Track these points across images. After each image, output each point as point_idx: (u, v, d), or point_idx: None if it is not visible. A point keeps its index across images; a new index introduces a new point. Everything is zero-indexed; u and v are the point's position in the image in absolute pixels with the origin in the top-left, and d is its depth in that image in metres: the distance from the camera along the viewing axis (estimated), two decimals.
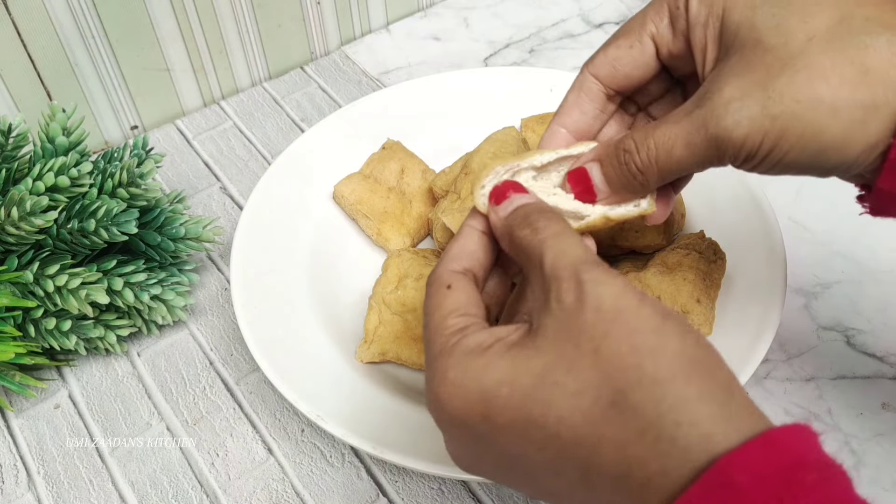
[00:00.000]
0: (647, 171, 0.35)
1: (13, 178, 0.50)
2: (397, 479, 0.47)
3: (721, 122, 0.32)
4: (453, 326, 0.32)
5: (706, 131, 0.33)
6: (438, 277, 0.34)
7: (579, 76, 0.39)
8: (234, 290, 0.51)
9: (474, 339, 0.31)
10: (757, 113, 0.32)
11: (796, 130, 0.32)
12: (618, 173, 0.36)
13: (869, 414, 0.48)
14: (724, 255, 0.50)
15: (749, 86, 0.32)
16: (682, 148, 0.34)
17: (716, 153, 0.33)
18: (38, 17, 0.60)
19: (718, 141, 0.33)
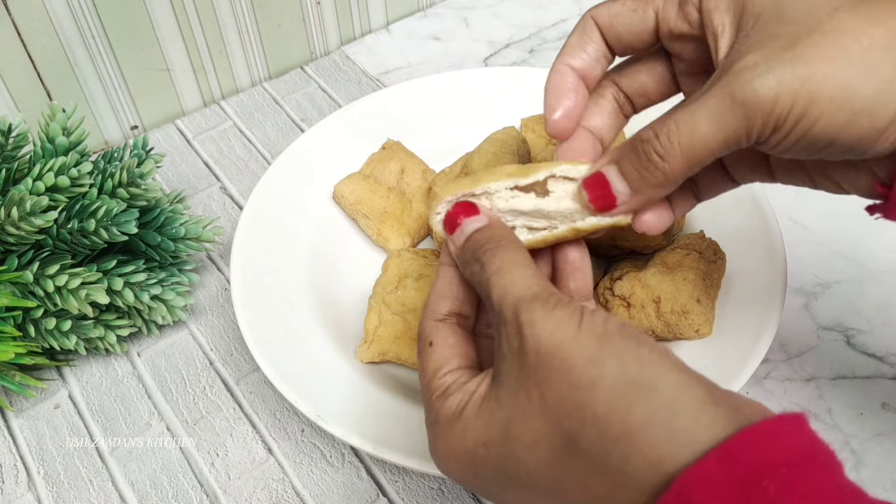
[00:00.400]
0: (670, 155, 0.32)
1: (13, 178, 0.50)
2: (397, 479, 0.47)
3: (748, 85, 0.30)
4: (437, 390, 0.33)
5: (732, 99, 0.30)
6: (420, 334, 0.35)
7: (582, 19, 0.37)
8: (234, 290, 0.51)
9: (453, 401, 0.32)
10: (786, 75, 0.30)
11: (827, 93, 0.30)
12: (637, 166, 0.33)
13: (869, 414, 0.48)
14: (724, 255, 0.50)
15: (775, 51, 0.30)
16: (707, 123, 0.31)
17: (744, 124, 0.31)
18: (38, 17, 0.60)
19: (747, 107, 0.30)
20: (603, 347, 0.28)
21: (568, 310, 0.30)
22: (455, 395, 0.33)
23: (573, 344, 0.29)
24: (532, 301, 0.30)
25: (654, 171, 0.33)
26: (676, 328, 0.47)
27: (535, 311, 0.30)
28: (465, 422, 0.32)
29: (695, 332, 0.47)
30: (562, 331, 0.29)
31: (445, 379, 0.33)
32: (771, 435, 0.26)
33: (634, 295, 0.48)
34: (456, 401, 0.32)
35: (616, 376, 0.28)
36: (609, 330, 0.29)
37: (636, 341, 0.29)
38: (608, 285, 0.49)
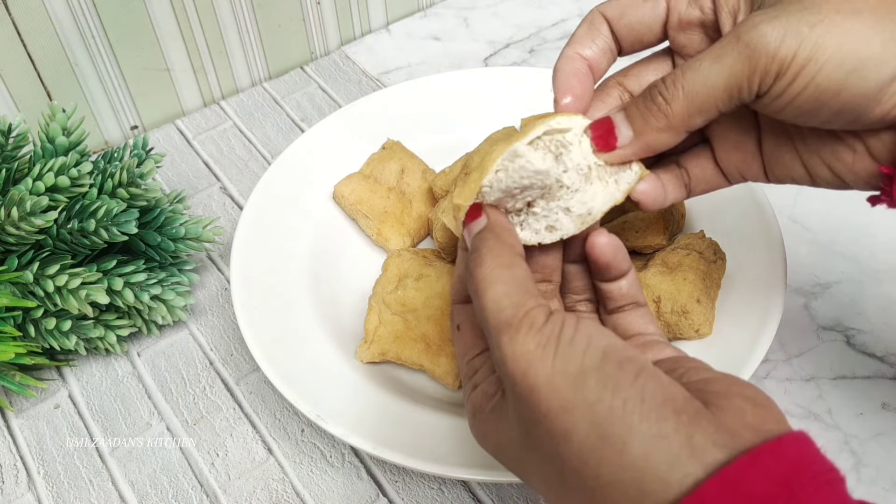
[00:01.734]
0: (673, 98, 0.33)
1: (13, 178, 0.50)
2: (397, 479, 0.47)
3: (755, 28, 0.30)
4: (467, 375, 0.35)
5: (738, 39, 0.31)
6: (451, 318, 0.37)
7: (590, 14, 0.38)
8: (234, 290, 0.51)
9: (477, 394, 0.33)
10: (793, 19, 0.30)
11: (834, 40, 0.30)
12: (641, 109, 0.34)
13: (869, 414, 0.48)
14: (724, 255, 0.50)
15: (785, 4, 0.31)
16: (711, 63, 0.31)
17: (748, 66, 0.31)
18: (38, 17, 0.60)
19: (751, 48, 0.30)
20: (576, 393, 0.28)
21: (542, 339, 0.29)
22: (479, 390, 0.33)
23: (546, 388, 0.28)
24: (503, 331, 0.30)
25: (656, 112, 0.33)
26: (676, 328, 0.47)
27: (505, 345, 0.29)
28: (483, 420, 0.33)
29: (695, 332, 0.47)
30: (533, 370, 0.28)
31: (473, 363, 0.34)
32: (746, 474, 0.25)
33: None
34: (479, 396, 0.33)
35: (587, 430, 0.27)
36: (585, 367, 0.28)
37: (613, 385, 0.27)
38: None
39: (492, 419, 0.32)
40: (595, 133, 0.35)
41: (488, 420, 0.33)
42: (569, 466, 0.28)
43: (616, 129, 0.35)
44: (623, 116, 0.35)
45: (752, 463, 0.25)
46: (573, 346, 0.29)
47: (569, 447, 0.28)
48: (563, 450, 0.28)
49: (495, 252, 0.33)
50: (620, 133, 0.35)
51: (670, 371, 0.30)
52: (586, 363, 0.28)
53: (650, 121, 0.34)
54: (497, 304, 0.30)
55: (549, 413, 0.28)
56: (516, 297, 0.31)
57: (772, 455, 0.25)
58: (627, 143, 0.35)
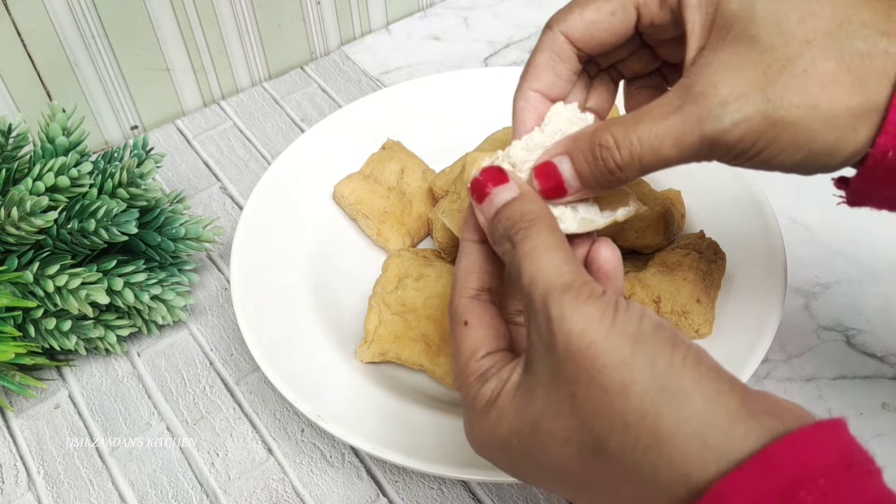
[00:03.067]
0: (628, 168, 0.33)
1: (13, 178, 0.50)
2: (397, 479, 0.47)
3: (718, 123, 0.31)
4: (474, 373, 0.33)
5: (701, 131, 0.31)
6: (455, 311, 0.34)
7: (547, 34, 0.36)
8: (234, 290, 0.51)
9: (489, 387, 0.32)
10: (756, 116, 0.31)
11: (790, 135, 0.31)
12: (592, 169, 0.33)
13: (869, 414, 0.48)
14: (724, 255, 0.50)
15: (747, 87, 0.31)
16: (671, 147, 0.32)
17: (707, 151, 0.32)
18: (38, 17, 0.60)
19: (713, 141, 0.31)
20: (636, 350, 0.28)
21: (601, 304, 0.29)
22: (491, 381, 0.32)
23: (604, 344, 0.28)
24: (563, 293, 0.29)
25: (609, 176, 0.33)
26: (676, 328, 0.47)
27: (565, 304, 0.29)
28: (499, 409, 0.31)
29: (695, 332, 0.47)
30: (593, 328, 0.28)
31: (483, 362, 0.33)
32: (808, 444, 0.25)
33: (634, 295, 0.48)
34: (492, 387, 0.32)
35: (648, 383, 0.27)
36: (643, 330, 0.28)
37: (671, 345, 0.28)
38: None
39: (511, 403, 0.31)
40: (543, 184, 0.34)
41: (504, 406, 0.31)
42: (622, 422, 0.27)
43: (565, 182, 0.34)
44: (570, 166, 0.34)
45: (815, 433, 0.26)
46: (629, 314, 0.29)
47: (625, 402, 0.27)
48: (617, 405, 0.27)
49: (546, 223, 0.32)
50: (569, 186, 0.34)
51: None
52: (644, 327, 0.29)
53: (600, 181, 0.34)
54: (557, 268, 0.30)
55: (606, 368, 0.28)
56: (576, 266, 0.31)
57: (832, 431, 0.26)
58: (575, 193, 0.34)
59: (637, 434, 0.27)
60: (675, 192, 0.54)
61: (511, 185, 0.33)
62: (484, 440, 0.32)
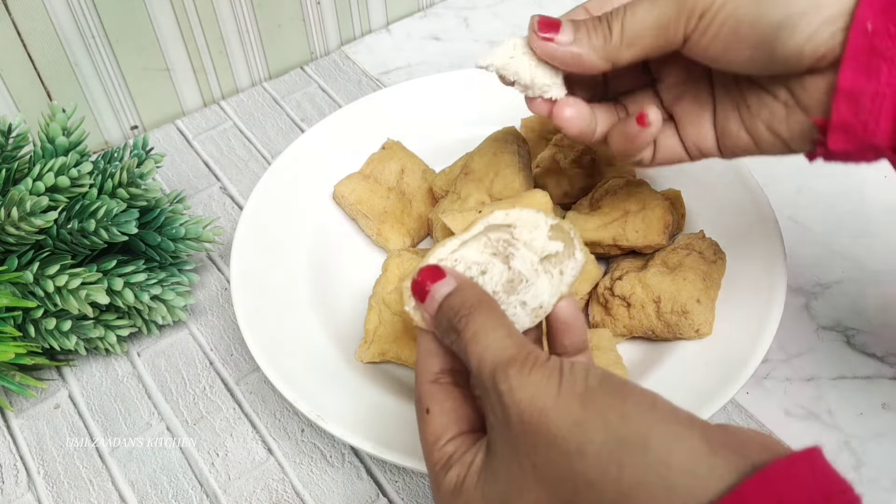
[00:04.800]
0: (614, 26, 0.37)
1: (13, 178, 0.50)
2: (397, 479, 0.47)
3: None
4: (438, 462, 0.33)
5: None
6: (417, 399, 0.35)
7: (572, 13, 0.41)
8: (234, 290, 0.51)
9: (453, 474, 0.32)
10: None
11: None
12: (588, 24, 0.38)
13: (869, 414, 0.48)
14: (724, 255, 0.50)
15: None
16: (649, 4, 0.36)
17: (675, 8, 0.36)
18: (38, 17, 0.60)
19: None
20: (586, 408, 0.28)
21: (546, 371, 0.29)
22: (455, 468, 0.32)
23: (555, 408, 0.28)
24: (508, 366, 0.30)
25: (599, 31, 0.38)
26: (676, 328, 0.47)
27: (511, 377, 0.29)
28: (465, 495, 0.31)
29: (695, 332, 0.47)
30: (542, 396, 0.28)
31: (446, 449, 0.33)
32: (783, 480, 0.25)
33: (634, 295, 0.48)
34: (456, 473, 0.32)
35: (603, 439, 0.27)
36: (590, 387, 0.28)
37: (620, 396, 0.28)
38: (608, 285, 0.49)
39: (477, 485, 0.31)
40: (542, 21, 0.39)
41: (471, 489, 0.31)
42: (584, 482, 0.27)
43: (560, 27, 0.39)
44: (570, 23, 0.39)
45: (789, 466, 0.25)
46: (574, 374, 0.29)
47: (584, 461, 0.27)
48: (577, 466, 0.27)
49: (486, 305, 0.33)
50: (563, 32, 0.38)
51: None
52: (590, 383, 0.29)
53: (591, 35, 0.38)
54: (500, 343, 0.31)
55: (560, 432, 0.28)
56: (517, 339, 0.31)
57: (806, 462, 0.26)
58: (564, 43, 0.38)
59: (602, 490, 0.27)
60: (675, 192, 0.54)
61: (448, 280, 0.34)
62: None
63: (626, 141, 0.40)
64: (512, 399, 0.29)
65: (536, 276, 0.36)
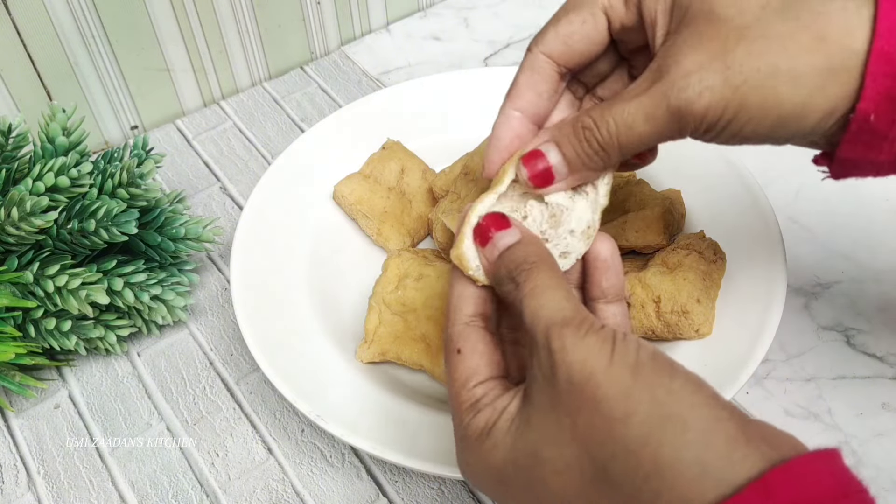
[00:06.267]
0: (609, 147, 0.34)
1: (13, 179, 0.50)
2: (397, 479, 0.47)
3: (682, 94, 0.32)
4: (466, 402, 0.33)
5: (667, 104, 0.32)
6: (448, 339, 0.35)
7: (528, 56, 0.37)
8: (234, 290, 0.51)
9: (482, 417, 0.32)
10: (718, 83, 0.31)
11: (757, 100, 0.31)
12: (578, 152, 0.35)
13: (869, 414, 0.48)
14: (724, 255, 0.50)
15: (707, 58, 0.32)
16: (643, 123, 0.33)
17: (677, 125, 0.33)
18: (38, 17, 0.60)
19: (680, 113, 0.32)
20: (636, 380, 0.28)
21: (600, 337, 0.30)
22: (485, 411, 0.33)
23: (605, 375, 0.29)
24: (563, 326, 0.30)
25: (594, 156, 0.35)
26: (676, 328, 0.47)
27: (566, 337, 0.30)
28: (494, 439, 0.32)
29: (695, 332, 0.47)
30: (593, 360, 0.29)
31: (475, 391, 0.33)
32: (807, 472, 0.26)
33: (634, 295, 0.48)
34: (486, 417, 0.32)
35: (648, 411, 0.28)
36: (641, 360, 0.29)
37: (669, 373, 0.29)
38: None
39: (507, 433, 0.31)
40: (531, 172, 0.35)
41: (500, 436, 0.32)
42: (624, 449, 0.28)
43: (552, 168, 0.35)
44: (556, 152, 0.35)
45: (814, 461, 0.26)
46: (627, 345, 0.30)
47: (627, 430, 0.28)
48: (619, 433, 0.28)
49: (548, 265, 0.33)
50: (557, 172, 0.35)
51: None
52: (641, 357, 0.29)
53: (586, 163, 0.35)
54: (558, 304, 0.31)
55: (608, 398, 0.28)
56: (574, 302, 0.32)
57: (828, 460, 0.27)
58: (563, 179, 0.36)
59: (638, 461, 0.27)
60: (675, 192, 0.54)
61: (513, 231, 0.35)
62: (478, 470, 0.33)
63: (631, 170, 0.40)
64: (563, 358, 0.29)
65: (573, 202, 0.36)
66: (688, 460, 0.27)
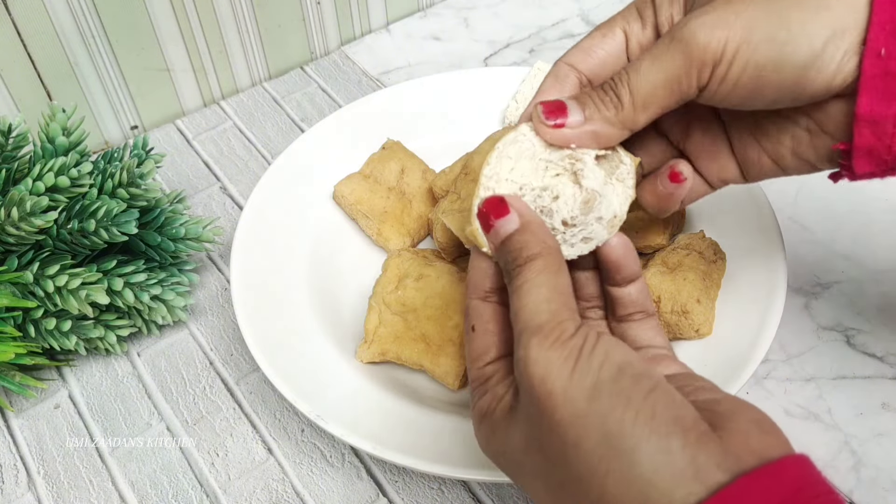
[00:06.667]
0: (622, 93, 0.35)
1: (13, 179, 0.50)
2: (397, 479, 0.47)
3: (686, 25, 0.33)
4: (476, 380, 0.34)
5: (672, 38, 0.33)
6: (466, 314, 0.36)
7: (553, 66, 0.39)
8: (234, 290, 0.51)
9: (485, 401, 0.33)
10: (721, 12, 0.33)
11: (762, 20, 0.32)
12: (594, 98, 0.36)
13: (869, 414, 0.48)
14: (724, 255, 0.50)
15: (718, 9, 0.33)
16: (650, 62, 0.34)
17: (684, 61, 0.33)
18: (38, 17, 0.60)
19: (684, 44, 0.33)
20: (590, 405, 0.28)
21: (564, 351, 0.30)
22: (487, 395, 0.33)
23: (562, 395, 0.29)
24: (532, 334, 0.30)
25: (608, 102, 0.35)
26: (676, 328, 0.47)
27: (531, 347, 0.30)
28: (491, 424, 0.33)
29: (695, 332, 0.47)
30: (552, 377, 0.29)
31: (485, 371, 0.34)
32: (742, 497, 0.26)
33: None
34: (487, 401, 0.33)
35: (598, 441, 0.28)
36: (601, 381, 0.29)
37: (625, 398, 0.28)
38: None
39: (501, 423, 0.32)
40: (546, 108, 0.36)
41: (496, 424, 0.32)
42: (575, 475, 0.28)
43: (567, 109, 0.36)
44: (575, 102, 0.36)
45: (751, 484, 0.26)
46: (591, 360, 0.29)
47: (578, 456, 0.28)
48: (572, 458, 0.28)
49: (542, 258, 0.33)
50: (571, 114, 0.36)
51: (679, 388, 0.31)
52: (602, 376, 0.29)
53: (601, 109, 0.35)
54: (536, 307, 0.31)
55: (563, 421, 0.29)
56: (555, 305, 0.31)
57: (771, 477, 0.26)
58: (576, 125, 0.35)
59: (588, 488, 0.28)
60: None
61: (512, 217, 0.34)
62: (482, 443, 0.34)
63: (660, 200, 0.39)
64: (527, 369, 0.30)
65: (606, 189, 0.37)
66: (632, 496, 0.27)
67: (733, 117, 0.39)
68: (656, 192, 0.39)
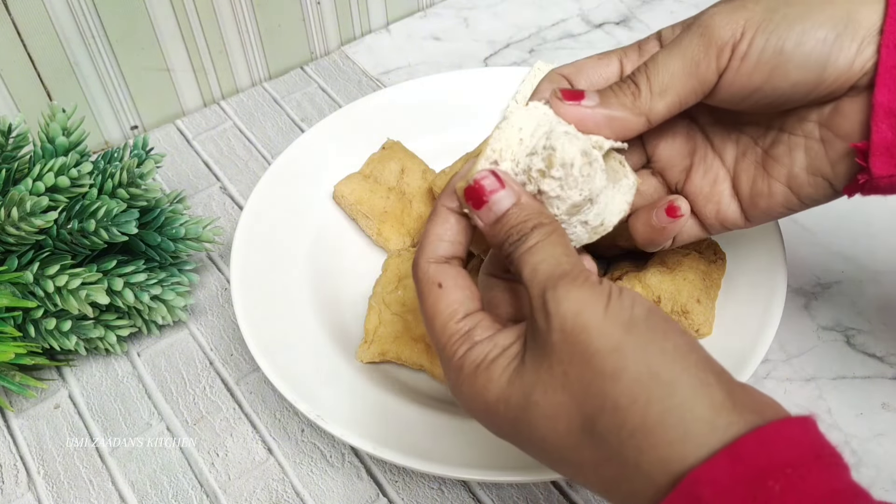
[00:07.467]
0: (640, 81, 0.35)
1: (13, 179, 0.50)
2: (397, 479, 0.47)
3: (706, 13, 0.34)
4: (457, 332, 0.33)
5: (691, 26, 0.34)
6: (425, 274, 0.34)
7: (548, 74, 0.39)
8: (234, 290, 0.51)
9: (480, 351, 0.32)
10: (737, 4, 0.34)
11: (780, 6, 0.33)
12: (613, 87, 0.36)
13: (869, 414, 0.48)
14: (724, 255, 0.50)
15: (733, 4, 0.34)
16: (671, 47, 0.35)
17: (702, 43, 0.34)
18: (38, 17, 0.60)
19: (703, 27, 0.34)
20: (628, 337, 0.29)
21: (595, 290, 0.30)
22: (484, 345, 0.32)
23: (597, 330, 0.29)
24: (560, 278, 0.30)
25: (625, 89, 0.36)
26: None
27: (560, 288, 0.30)
28: (490, 374, 0.31)
29: (695, 332, 0.47)
30: (586, 313, 0.29)
31: (464, 323, 0.33)
32: (777, 437, 0.26)
33: None
34: (484, 350, 0.32)
35: (638, 370, 0.28)
36: (635, 316, 0.29)
37: (662, 333, 0.29)
38: None
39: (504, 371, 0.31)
40: (565, 93, 0.36)
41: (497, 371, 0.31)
42: (612, 405, 0.28)
43: (586, 94, 0.36)
44: (594, 91, 0.36)
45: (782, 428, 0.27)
46: (622, 301, 0.30)
47: (616, 386, 0.28)
48: (608, 388, 0.28)
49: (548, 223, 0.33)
50: (589, 97, 0.36)
51: None
52: (636, 314, 0.29)
53: (619, 95, 0.36)
54: (557, 259, 0.31)
55: (599, 353, 0.28)
56: (574, 258, 0.32)
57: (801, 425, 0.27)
58: (592, 105, 0.36)
59: (625, 417, 0.28)
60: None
61: (509, 192, 0.34)
62: (468, 399, 0.33)
63: (652, 232, 0.39)
64: (557, 308, 0.29)
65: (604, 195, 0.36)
66: (672, 423, 0.27)
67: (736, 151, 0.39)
68: (649, 224, 0.39)
